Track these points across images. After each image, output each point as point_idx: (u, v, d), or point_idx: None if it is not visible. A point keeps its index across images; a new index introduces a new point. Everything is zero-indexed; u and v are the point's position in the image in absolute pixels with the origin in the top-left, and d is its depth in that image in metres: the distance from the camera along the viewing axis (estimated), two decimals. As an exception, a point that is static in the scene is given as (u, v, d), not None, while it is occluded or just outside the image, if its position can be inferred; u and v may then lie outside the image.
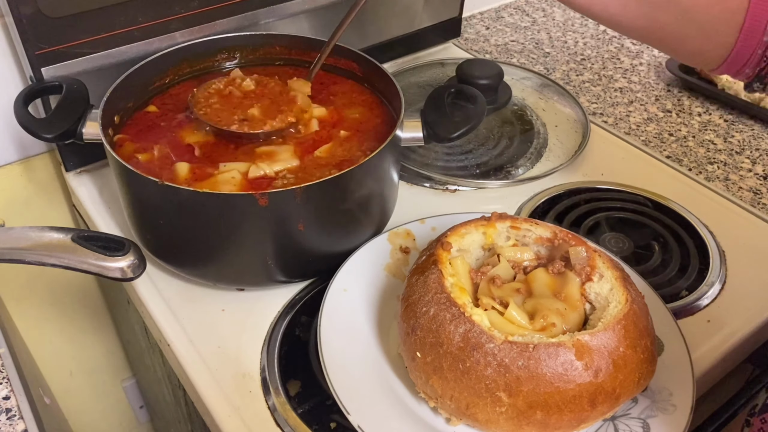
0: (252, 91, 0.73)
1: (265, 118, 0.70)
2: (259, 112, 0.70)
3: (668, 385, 0.57)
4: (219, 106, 0.71)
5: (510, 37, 1.18)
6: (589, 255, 0.58)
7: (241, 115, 0.70)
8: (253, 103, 0.71)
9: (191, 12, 0.77)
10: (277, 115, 0.70)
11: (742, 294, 0.72)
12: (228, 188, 0.64)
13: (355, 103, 0.76)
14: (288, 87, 0.75)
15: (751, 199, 0.84)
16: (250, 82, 0.74)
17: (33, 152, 0.85)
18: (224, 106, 0.71)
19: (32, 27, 0.68)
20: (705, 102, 1.02)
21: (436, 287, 0.54)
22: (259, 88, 0.74)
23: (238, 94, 0.72)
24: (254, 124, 0.69)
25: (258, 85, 0.74)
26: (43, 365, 1.05)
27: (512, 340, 0.50)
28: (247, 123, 0.69)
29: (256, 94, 0.73)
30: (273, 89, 0.74)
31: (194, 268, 0.68)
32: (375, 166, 0.65)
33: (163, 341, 0.67)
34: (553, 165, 0.86)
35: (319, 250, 0.67)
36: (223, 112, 0.70)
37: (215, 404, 0.60)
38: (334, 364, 0.58)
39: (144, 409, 1.25)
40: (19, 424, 0.55)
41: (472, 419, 0.52)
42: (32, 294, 0.97)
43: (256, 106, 0.71)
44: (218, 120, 0.69)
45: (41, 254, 0.54)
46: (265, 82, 0.75)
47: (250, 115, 0.70)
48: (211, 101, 0.71)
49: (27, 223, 0.90)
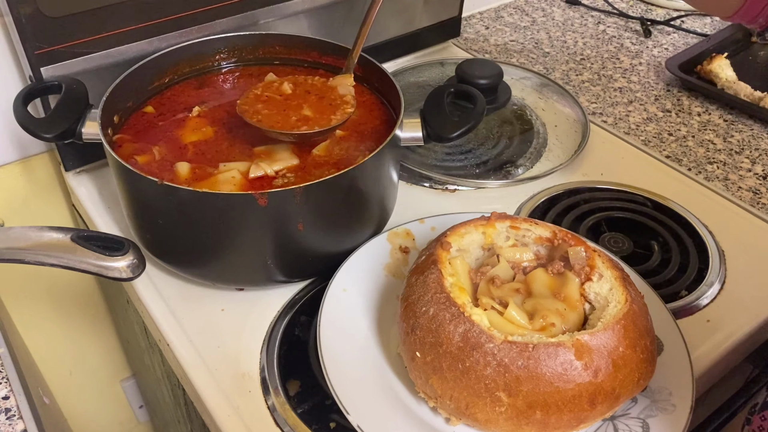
0: (292, 93, 0.72)
1: (321, 115, 0.69)
2: (312, 111, 0.69)
3: (668, 385, 0.57)
4: (268, 111, 0.69)
5: (509, 37, 1.18)
6: (589, 255, 0.58)
7: (294, 116, 0.69)
8: (301, 104, 0.71)
9: (191, 12, 0.77)
10: (334, 111, 0.69)
11: (742, 294, 0.72)
12: (228, 188, 0.64)
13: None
14: (328, 82, 0.74)
15: (750, 199, 0.84)
16: (287, 86, 0.73)
17: (32, 152, 0.85)
18: (273, 110, 0.70)
19: (32, 27, 0.68)
20: (704, 102, 1.02)
21: (436, 287, 0.54)
22: (297, 88, 0.73)
23: (279, 98, 0.71)
24: (315, 122, 0.68)
25: (296, 86, 0.73)
26: (43, 365, 1.05)
27: (512, 339, 0.50)
28: (305, 123, 0.68)
29: (296, 95, 0.72)
30: (315, 86, 0.73)
31: (194, 267, 0.68)
32: (375, 166, 0.65)
33: (162, 341, 0.67)
34: (553, 165, 0.86)
35: (318, 250, 0.67)
36: (276, 116, 0.69)
37: (214, 404, 0.60)
38: (334, 364, 0.58)
39: (143, 408, 1.25)
40: (19, 423, 0.55)
41: (471, 419, 0.52)
42: (32, 294, 0.97)
43: (305, 107, 0.70)
44: (277, 125, 0.68)
45: (41, 254, 0.54)
46: (300, 81, 0.74)
47: (305, 116, 0.69)
48: (258, 107, 0.70)
49: (26, 222, 0.90)
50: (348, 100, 0.71)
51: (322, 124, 0.68)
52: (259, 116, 0.68)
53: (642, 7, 1.30)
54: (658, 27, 1.23)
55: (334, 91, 0.73)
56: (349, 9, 0.91)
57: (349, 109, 0.70)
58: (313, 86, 0.73)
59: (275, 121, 0.68)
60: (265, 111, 0.69)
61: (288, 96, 0.72)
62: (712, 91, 1.02)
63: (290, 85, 0.73)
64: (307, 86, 0.73)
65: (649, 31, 1.20)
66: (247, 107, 0.70)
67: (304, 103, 0.71)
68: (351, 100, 0.71)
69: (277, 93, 0.72)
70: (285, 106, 0.70)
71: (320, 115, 0.69)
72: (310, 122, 0.68)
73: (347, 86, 0.73)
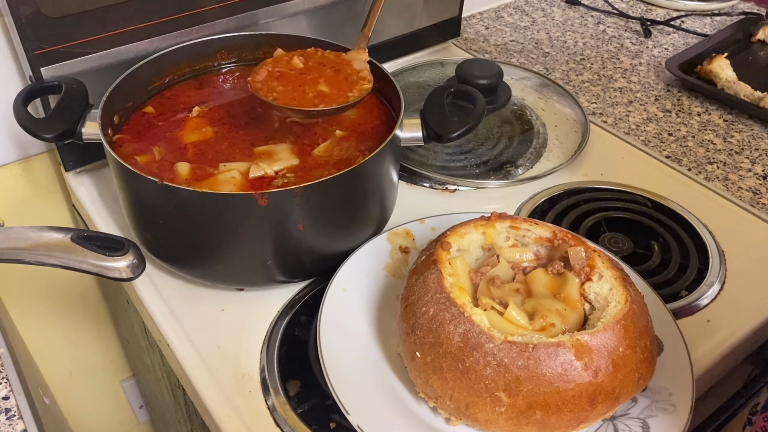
0: (305, 66, 0.70)
1: (338, 91, 0.66)
2: (328, 87, 0.67)
3: (668, 385, 0.57)
4: (283, 88, 0.67)
5: (509, 37, 1.18)
6: (589, 255, 0.58)
7: (311, 92, 0.66)
8: (317, 78, 0.68)
9: (191, 12, 0.77)
10: (351, 87, 0.67)
11: (742, 294, 0.72)
12: (228, 188, 0.64)
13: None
14: (342, 56, 0.71)
15: (750, 199, 0.84)
16: (298, 60, 0.70)
17: (32, 152, 0.85)
18: (288, 87, 0.67)
19: (32, 27, 0.68)
20: (704, 102, 1.02)
21: (436, 287, 0.54)
22: (309, 61, 0.70)
23: (292, 73, 0.68)
24: (332, 99, 0.66)
25: (306, 60, 0.70)
26: (43, 365, 1.05)
27: (512, 340, 0.50)
28: (322, 100, 0.65)
29: (309, 68, 0.69)
30: (328, 59, 0.70)
31: (194, 268, 0.68)
32: (375, 166, 0.65)
33: (162, 341, 0.67)
34: (553, 165, 0.86)
35: (318, 250, 0.67)
36: (292, 93, 0.66)
37: (215, 404, 0.60)
38: (334, 364, 0.58)
39: (143, 408, 1.25)
40: (19, 424, 0.55)
41: (471, 419, 0.52)
42: (32, 294, 0.97)
43: (321, 82, 0.67)
44: (294, 101, 0.65)
45: (41, 254, 0.54)
46: (311, 54, 0.71)
47: (321, 92, 0.66)
48: (272, 84, 0.67)
49: (26, 222, 0.90)
50: (365, 75, 0.69)
51: (340, 101, 0.66)
52: (275, 93, 0.66)
53: (642, 7, 1.30)
54: (658, 27, 1.23)
55: (349, 66, 0.70)
56: (348, 9, 0.91)
57: (367, 85, 0.68)
58: (326, 59, 0.71)
59: (291, 98, 0.66)
60: (280, 88, 0.67)
61: (301, 70, 0.69)
62: (712, 91, 1.02)
63: (300, 58, 0.70)
64: (318, 59, 0.70)
65: (649, 31, 1.20)
66: (260, 85, 0.67)
67: (319, 77, 0.68)
68: (368, 75, 0.69)
69: (289, 68, 0.69)
70: (300, 81, 0.68)
71: (337, 91, 0.67)
72: (327, 99, 0.66)
73: (362, 61, 0.71)
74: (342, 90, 0.67)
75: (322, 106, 0.65)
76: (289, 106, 0.65)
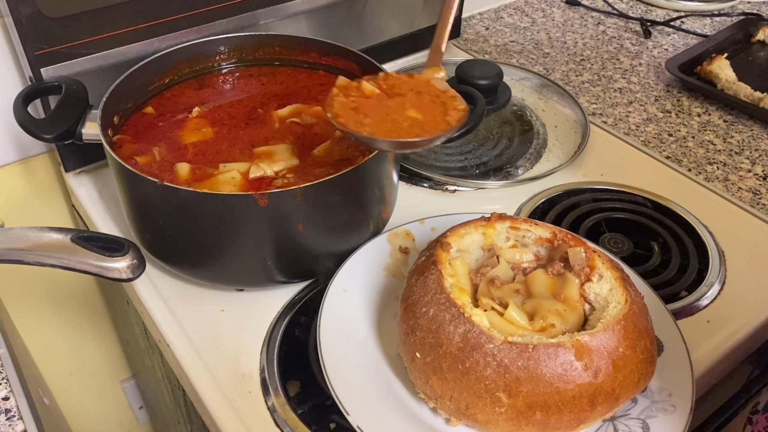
0: (381, 93, 0.62)
1: (433, 116, 0.59)
2: (419, 113, 0.59)
3: (668, 386, 0.57)
4: (371, 119, 0.59)
5: (509, 38, 1.18)
6: (589, 255, 0.58)
7: (403, 120, 0.59)
8: (402, 104, 0.60)
9: (191, 12, 0.77)
10: (444, 109, 0.60)
11: (742, 294, 0.72)
12: (228, 188, 0.64)
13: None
14: (417, 76, 0.65)
15: (750, 200, 0.84)
16: (370, 86, 0.62)
17: (32, 153, 0.85)
18: (376, 117, 0.59)
19: (32, 27, 0.68)
20: (704, 102, 1.02)
21: (436, 288, 0.54)
22: (382, 87, 0.63)
23: (372, 102, 0.61)
24: (431, 125, 0.58)
25: (379, 84, 0.63)
26: (43, 365, 1.05)
27: (512, 340, 0.50)
28: (419, 127, 0.58)
29: (387, 94, 0.62)
30: (405, 83, 0.63)
31: (194, 268, 0.68)
32: (374, 167, 0.65)
33: (162, 341, 0.67)
34: (553, 165, 0.86)
35: (318, 251, 0.67)
36: (385, 124, 0.59)
37: (214, 405, 0.60)
38: (334, 365, 0.58)
39: (143, 409, 1.25)
40: (19, 424, 0.55)
41: (471, 420, 0.52)
42: (32, 294, 0.97)
43: (408, 107, 0.60)
44: (392, 133, 0.58)
45: (41, 255, 0.54)
46: (380, 79, 0.64)
47: (414, 119, 0.59)
48: (357, 117, 0.59)
49: (26, 223, 0.90)
50: (453, 95, 0.62)
51: (442, 126, 0.58)
52: (366, 127, 0.58)
53: (642, 7, 1.30)
54: (657, 28, 1.23)
55: (430, 86, 0.63)
56: (348, 10, 0.91)
57: (461, 105, 0.60)
58: (401, 81, 0.64)
59: (388, 130, 0.58)
60: (368, 120, 0.59)
61: (378, 97, 0.62)
62: (712, 91, 1.02)
63: (371, 83, 0.63)
64: (392, 82, 0.64)
65: (649, 31, 1.20)
66: (345, 119, 0.59)
67: (404, 103, 0.61)
68: (456, 94, 0.62)
69: (363, 96, 0.62)
70: (386, 110, 0.60)
71: (432, 117, 0.59)
72: (426, 126, 0.59)
73: (442, 80, 0.64)
74: (435, 114, 0.60)
75: (426, 136, 0.58)
76: (389, 138, 0.57)
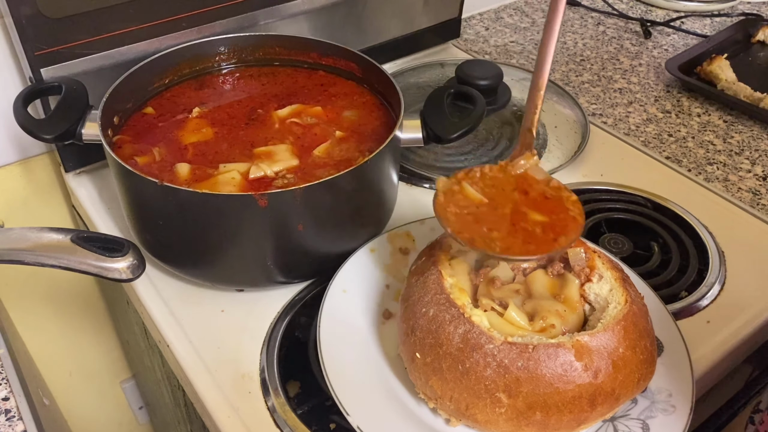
0: (488, 198, 0.56)
1: (555, 214, 0.55)
2: (541, 214, 0.55)
3: (668, 386, 0.57)
4: (499, 233, 0.53)
5: (509, 38, 1.18)
6: (589, 256, 0.58)
7: (534, 227, 0.54)
8: (519, 208, 0.55)
9: (190, 13, 0.77)
10: (559, 204, 0.56)
11: (742, 295, 0.72)
12: (228, 189, 0.63)
13: (354, 104, 0.76)
14: (508, 168, 0.59)
15: (750, 200, 0.84)
16: (474, 191, 0.56)
17: (32, 153, 0.85)
18: (503, 230, 0.53)
19: (32, 28, 0.68)
20: (704, 103, 1.02)
21: (436, 288, 0.54)
22: (486, 190, 0.57)
23: (485, 210, 0.55)
24: (561, 227, 0.54)
25: (480, 188, 0.57)
26: (43, 366, 1.05)
27: (512, 341, 0.50)
28: (553, 231, 0.54)
29: (492, 197, 0.56)
30: (499, 180, 0.57)
31: (194, 268, 0.68)
32: (375, 167, 0.65)
33: (162, 342, 0.67)
34: (553, 166, 0.86)
35: (318, 251, 0.67)
36: (515, 237, 0.53)
37: (214, 405, 0.60)
38: (334, 365, 0.58)
39: (143, 409, 1.25)
40: (18, 425, 0.55)
41: (471, 420, 0.52)
42: (31, 295, 0.97)
43: (527, 210, 0.55)
44: (532, 248, 0.52)
45: (40, 255, 0.54)
46: (473, 180, 0.58)
47: (543, 222, 0.54)
48: (482, 232, 0.54)
49: (26, 223, 0.90)
50: (557, 185, 0.58)
51: (572, 225, 0.54)
52: (498, 242, 0.52)
53: (642, 8, 1.30)
54: (657, 28, 1.23)
55: (530, 179, 0.58)
56: (348, 10, 0.91)
57: (573, 197, 0.57)
58: (495, 179, 0.58)
59: (526, 247, 0.53)
60: (496, 234, 0.53)
61: (491, 204, 0.56)
62: (711, 92, 1.02)
63: (473, 188, 0.56)
64: (488, 182, 0.57)
65: (649, 32, 1.20)
66: (471, 235, 0.53)
67: (520, 206, 0.55)
68: (559, 183, 0.58)
69: (474, 205, 0.56)
70: (510, 219, 0.55)
71: (555, 216, 0.55)
72: (558, 229, 0.54)
73: (539, 168, 0.58)
74: (556, 211, 0.55)
75: (565, 240, 0.53)
76: (531, 255, 0.53)
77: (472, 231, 0.53)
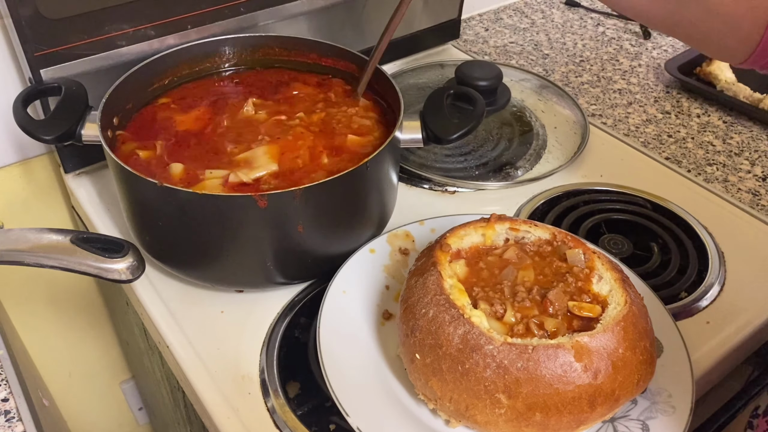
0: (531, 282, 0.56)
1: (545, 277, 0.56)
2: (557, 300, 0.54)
3: (667, 387, 0.57)
4: (529, 302, 0.54)
5: (509, 39, 1.18)
6: (588, 256, 0.58)
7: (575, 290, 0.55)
8: (551, 281, 0.56)
9: (190, 14, 0.77)
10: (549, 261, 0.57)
11: (742, 295, 0.72)
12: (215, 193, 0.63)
13: (354, 105, 0.76)
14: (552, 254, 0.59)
15: (750, 201, 0.84)
16: (525, 286, 0.56)
17: (32, 154, 0.85)
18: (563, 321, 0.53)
19: (31, 28, 0.68)
20: (704, 103, 1.02)
21: (436, 289, 0.54)
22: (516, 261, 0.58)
23: (521, 290, 0.55)
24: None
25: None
26: (42, 367, 1.05)
27: (511, 341, 0.50)
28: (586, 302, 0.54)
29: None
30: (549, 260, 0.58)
31: (193, 269, 0.68)
32: (374, 168, 0.65)
33: (162, 343, 0.67)
34: (552, 166, 0.86)
35: (318, 252, 0.67)
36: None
37: (214, 406, 0.60)
38: (334, 366, 0.58)
39: (143, 410, 1.25)
40: (18, 426, 0.55)
41: (471, 421, 0.52)
42: (31, 296, 0.97)
43: (556, 289, 0.55)
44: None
45: (40, 256, 0.54)
46: (506, 254, 0.58)
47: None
48: (522, 302, 0.54)
49: (26, 224, 0.90)
50: (577, 269, 0.57)
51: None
52: (530, 313, 0.53)
53: (641, 8, 1.30)
54: (657, 29, 1.23)
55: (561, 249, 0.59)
56: (348, 11, 0.91)
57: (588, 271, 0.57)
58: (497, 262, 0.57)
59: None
60: (527, 303, 0.54)
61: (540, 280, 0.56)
62: (711, 92, 1.02)
63: (528, 287, 0.56)
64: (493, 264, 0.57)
65: (649, 32, 1.20)
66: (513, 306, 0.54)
67: (536, 276, 0.56)
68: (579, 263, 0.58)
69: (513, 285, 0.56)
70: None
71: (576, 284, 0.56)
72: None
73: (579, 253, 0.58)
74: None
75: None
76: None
77: (504, 304, 0.54)
